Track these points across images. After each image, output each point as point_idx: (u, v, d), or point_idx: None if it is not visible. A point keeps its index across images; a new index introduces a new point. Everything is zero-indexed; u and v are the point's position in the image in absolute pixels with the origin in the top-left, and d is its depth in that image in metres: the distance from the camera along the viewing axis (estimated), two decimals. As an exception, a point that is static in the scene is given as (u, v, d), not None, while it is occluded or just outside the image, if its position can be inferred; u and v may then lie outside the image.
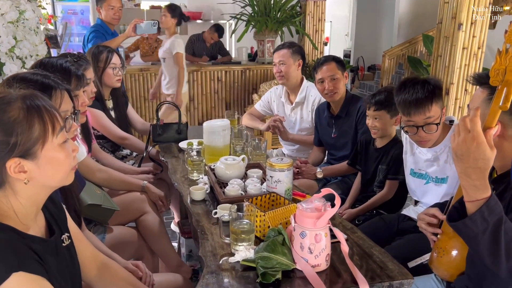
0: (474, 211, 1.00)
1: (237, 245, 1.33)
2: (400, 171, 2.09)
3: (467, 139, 0.98)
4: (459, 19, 3.17)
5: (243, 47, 5.86)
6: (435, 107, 1.75)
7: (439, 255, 1.34)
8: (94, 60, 2.50)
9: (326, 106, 2.62)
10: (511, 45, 0.99)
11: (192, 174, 2.01)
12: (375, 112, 2.10)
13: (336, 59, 2.52)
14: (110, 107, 2.65)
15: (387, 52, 6.93)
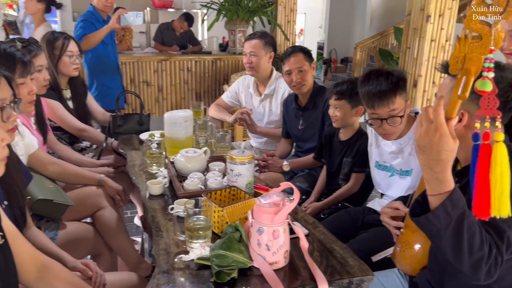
0: (437, 205, 0.97)
1: (192, 243, 1.27)
2: (366, 164, 2.07)
3: (430, 130, 0.94)
4: (427, 11, 3.17)
5: (214, 36, 5.74)
6: (399, 99, 1.72)
7: (402, 249, 1.32)
8: (49, 47, 2.36)
9: (294, 97, 2.57)
10: (471, 31, 0.94)
11: (151, 167, 1.92)
12: (336, 101, 2.08)
13: (303, 50, 2.47)
14: (68, 97, 2.52)
15: (358, 45, 6.95)
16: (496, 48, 0.92)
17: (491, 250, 0.97)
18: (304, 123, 2.53)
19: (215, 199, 1.49)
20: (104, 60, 3.29)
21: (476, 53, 0.93)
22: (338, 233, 1.78)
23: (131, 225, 3.00)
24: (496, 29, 0.91)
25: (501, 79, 1.09)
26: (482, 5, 0.92)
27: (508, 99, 1.10)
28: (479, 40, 0.93)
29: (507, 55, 1.67)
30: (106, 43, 3.25)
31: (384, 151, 1.94)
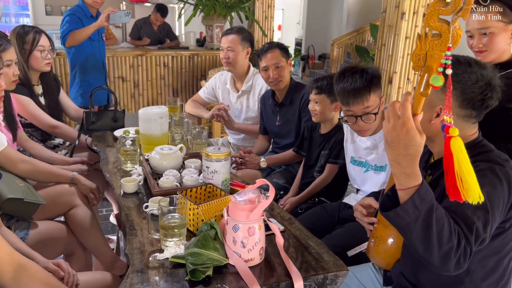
0: (406, 199, 0.98)
1: (166, 241, 1.26)
2: (340, 156, 2.10)
3: (397, 125, 0.95)
4: (402, 8, 3.21)
5: (191, 31, 5.69)
6: (373, 96, 1.74)
7: (376, 244, 1.34)
8: (19, 41, 2.29)
9: (271, 94, 2.57)
10: (431, 29, 0.96)
11: (125, 164, 1.89)
12: (316, 95, 2.09)
13: (280, 46, 2.47)
14: (40, 92, 2.45)
15: (335, 41, 7.00)
16: (455, 45, 0.94)
17: (460, 241, 0.99)
18: (281, 119, 2.53)
19: (190, 197, 1.47)
20: (89, 56, 3.22)
21: (437, 51, 0.95)
22: (314, 229, 1.80)
23: (107, 223, 2.96)
24: (454, 27, 0.93)
25: (481, 77, 1.12)
26: (440, 3, 0.93)
27: (485, 97, 1.12)
28: (439, 38, 0.95)
29: (476, 53, 1.71)
30: (93, 40, 3.19)
31: (359, 147, 1.96)
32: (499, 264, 1.17)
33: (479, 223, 1.02)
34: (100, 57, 3.30)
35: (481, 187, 0.96)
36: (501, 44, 1.66)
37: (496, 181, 1.07)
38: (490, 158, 1.13)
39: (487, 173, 1.08)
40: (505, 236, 1.13)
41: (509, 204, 1.09)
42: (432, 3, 0.95)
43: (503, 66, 1.68)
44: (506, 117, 1.66)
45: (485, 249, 1.12)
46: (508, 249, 1.17)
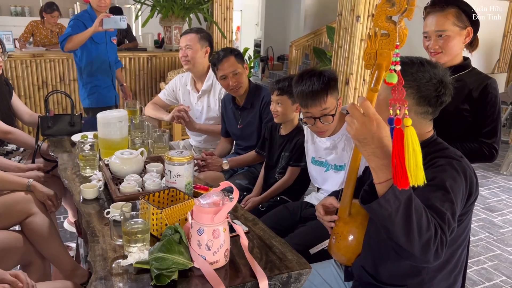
0: (385, 191, 1.01)
1: (130, 247, 1.24)
2: (301, 159, 2.14)
3: (366, 122, 0.99)
4: (357, 11, 3.31)
5: (149, 33, 5.60)
6: (331, 98, 1.79)
7: (337, 241, 1.38)
8: None
9: (231, 97, 2.59)
10: (379, 29, 1.02)
11: (84, 170, 1.85)
12: (277, 96, 2.12)
13: (234, 52, 2.48)
14: (-11, 97, 2.35)
15: (294, 43, 7.10)
16: (402, 44, 1.00)
17: (437, 231, 1.04)
18: (242, 122, 2.55)
19: (153, 201, 1.46)
20: (93, 58, 3.24)
21: (386, 49, 1.01)
22: (277, 228, 1.85)
23: (65, 231, 2.87)
24: (400, 27, 0.99)
25: (434, 75, 1.19)
26: (387, 4, 0.99)
27: (439, 93, 1.19)
28: (387, 37, 1.01)
29: (431, 54, 1.80)
30: (98, 43, 3.22)
31: (319, 147, 2.01)
32: (453, 255, 1.24)
33: (449, 213, 1.08)
34: (106, 59, 3.33)
35: (443, 180, 1.01)
36: (455, 48, 1.75)
37: (455, 174, 1.14)
38: (447, 154, 1.20)
39: (447, 167, 1.14)
40: (460, 228, 1.20)
41: (466, 196, 1.17)
42: (379, 4, 1.01)
43: (455, 69, 1.78)
44: (460, 117, 1.76)
45: None
46: (461, 240, 1.24)
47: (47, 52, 4.56)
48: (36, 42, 5.26)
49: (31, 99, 4.44)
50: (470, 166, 1.20)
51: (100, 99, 3.33)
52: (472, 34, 1.76)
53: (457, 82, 1.79)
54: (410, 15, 0.97)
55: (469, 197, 1.18)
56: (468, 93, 1.75)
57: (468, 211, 1.21)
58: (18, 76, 4.33)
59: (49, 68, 4.47)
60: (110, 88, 3.40)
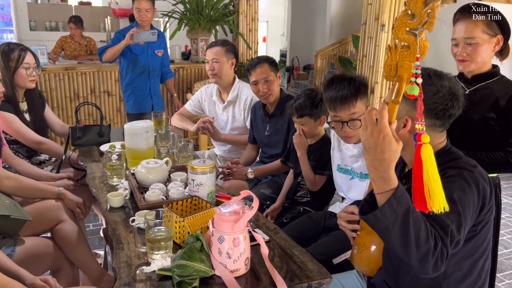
0: (383, 202, 1.02)
1: (153, 254, 1.27)
2: (326, 167, 2.13)
3: (374, 132, 1.00)
4: (381, 20, 3.29)
5: (176, 45, 5.72)
6: (360, 103, 1.79)
7: (359, 251, 1.37)
8: (5, 59, 2.30)
9: (262, 104, 2.61)
10: (400, 41, 1.02)
11: (111, 179, 1.90)
12: (299, 119, 2.14)
13: (268, 60, 2.52)
14: (25, 109, 2.45)
15: (319, 52, 7.09)
16: (422, 56, 1.00)
17: (437, 243, 1.03)
18: (270, 129, 2.57)
19: (176, 210, 1.50)
20: (132, 68, 3.57)
21: (406, 61, 1.00)
22: (300, 238, 1.85)
23: (94, 238, 2.95)
24: (420, 39, 0.99)
25: (441, 88, 1.18)
26: (407, 17, 0.99)
27: (447, 106, 1.18)
28: (408, 49, 1.01)
29: (458, 61, 1.77)
30: (137, 54, 3.53)
31: (345, 154, 2.00)
32: (474, 266, 1.22)
33: (453, 225, 1.07)
34: (145, 70, 3.60)
35: (451, 192, 1.00)
36: (483, 56, 1.72)
37: (465, 186, 1.12)
38: (459, 164, 1.18)
39: (456, 178, 1.13)
40: (478, 238, 1.18)
41: (479, 207, 1.14)
42: (399, 17, 1.01)
43: (483, 77, 1.75)
44: (487, 126, 1.72)
45: (460, 252, 1.16)
46: (481, 251, 1.22)
47: (79, 65, 4.72)
48: (67, 55, 5.48)
49: (63, 110, 4.60)
50: (485, 176, 1.18)
51: (135, 105, 3.63)
52: (503, 42, 1.72)
53: (484, 90, 1.77)
54: (430, 27, 0.97)
55: (482, 208, 1.15)
56: (495, 101, 1.71)
57: (484, 221, 1.18)
58: (51, 89, 4.50)
59: (80, 80, 4.63)
60: (146, 96, 3.66)
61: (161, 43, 3.64)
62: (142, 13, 3.42)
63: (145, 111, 3.63)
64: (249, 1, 5.30)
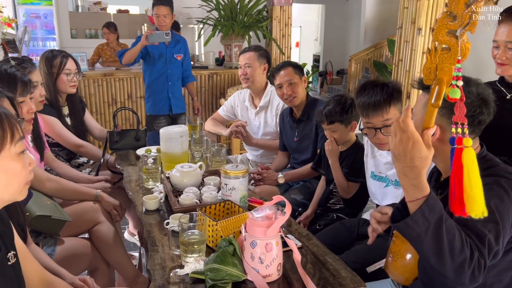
0: (415, 210, 1.00)
1: (187, 257, 1.29)
2: (360, 174, 2.10)
3: (403, 139, 0.99)
4: (418, 24, 3.22)
5: (211, 51, 5.81)
6: (394, 109, 1.75)
7: (394, 259, 1.34)
8: (48, 65, 2.41)
9: (289, 111, 2.62)
10: (439, 43, 0.99)
11: (147, 182, 1.95)
12: (329, 125, 2.11)
13: (293, 64, 2.54)
14: (66, 113, 2.55)
15: (353, 57, 7.02)
16: (464, 58, 0.97)
17: (473, 253, 1.00)
18: (299, 135, 2.57)
19: (209, 213, 1.51)
20: (151, 71, 3.72)
21: (447, 64, 0.98)
22: (333, 245, 1.82)
23: (129, 240, 3.01)
24: (462, 41, 0.96)
25: (468, 94, 1.14)
26: (448, 18, 0.97)
27: (475, 113, 1.14)
28: (448, 51, 0.98)
29: (497, 64, 1.71)
30: (156, 58, 3.66)
31: (379, 161, 1.97)
32: None
33: (491, 235, 1.03)
34: (164, 73, 3.71)
35: (488, 200, 0.97)
36: None
37: (503, 194, 1.08)
38: (496, 172, 1.14)
39: (493, 186, 1.09)
40: None
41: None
42: (440, 18, 0.98)
43: None
44: None
45: (500, 264, 1.11)
46: None
47: (117, 72, 4.87)
48: (104, 62, 5.67)
49: (101, 115, 4.75)
50: None
51: (153, 107, 3.74)
52: None
53: None
54: (473, 28, 0.94)
55: None
56: None
57: None
58: (90, 94, 4.66)
59: (118, 86, 4.77)
60: (165, 99, 3.74)
61: (181, 48, 3.76)
62: (161, 18, 3.56)
63: (162, 113, 3.75)
64: (282, 7, 5.31)
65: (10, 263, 1.04)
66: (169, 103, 3.77)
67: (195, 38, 7.21)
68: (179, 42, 3.77)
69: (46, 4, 8.11)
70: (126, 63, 3.62)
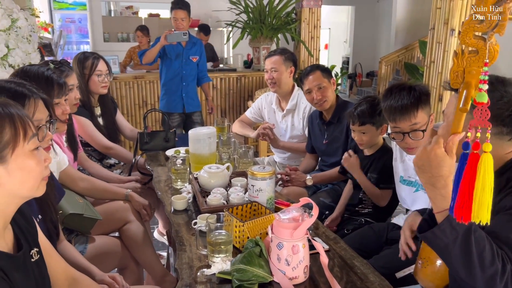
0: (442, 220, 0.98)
1: (213, 257, 1.30)
2: (391, 180, 2.06)
3: (426, 149, 0.99)
4: (451, 25, 3.14)
5: (239, 54, 5.85)
6: (421, 113, 1.72)
7: (423, 266, 1.31)
8: (80, 66, 2.48)
9: (318, 113, 2.60)
10: (467, 46, 0.96)
11: (176, 183, 1.97)
12: (361, 127, 2.06)
13: (320, 67, 2.51)
14: (98, 114, 2.62)
15: (383, 59, 6.91)
16: (492, 61, 0.94)
17: (505, 265, 0.96)
18: (328, 137, 2.54)
19: (236, 214, 1.52)
20: (167, 71, 3.88)
21: (474, 67, 0.95)
22: (362, 249, 1.79)
23: (157, 240, 3.06)
24: (490, 43, 0.93)
25: (505, 94, 1.10)
26: (475, 21, 0.94)
27: None
28: (476, 54, 0.95)
29: None
30: (172, 59, 3.83)
31: (408, 166, 1.92)
32: None
33: None
34: (179, 73, 3.87)
35: None
36: None
37: None
38: None
39: None
40: None
41: None
42: (466, 21, 0.96)
43: None
44: None
45: None
46: None
47: (147, 74, 4.97)
48: (135, 64, 5.77)
49: (132, 117, 4.86)
50: None
51: (167, 105, 3.89)
52: None
53: None
54: (501, 30, 0.91)
55: None
56: None
57: None
58: (122, 96, 4.77)
59: (148, 88, 4.87)
60: (178, 98, 3.90)
61: (197, 50, 3.92)
62: (178, 22, 3.71)
63: (175, 111, 3.90)
64: (311, 9, 5.29)
65: (34, 260, 1.07)
66: (182, 102, 3.92)
67: (224, 41, 7.28)
68: (195, 45, 3.92)
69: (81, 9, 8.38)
70: (146, 62, 3.79)
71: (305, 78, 2.48)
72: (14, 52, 2.36)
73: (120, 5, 9.05)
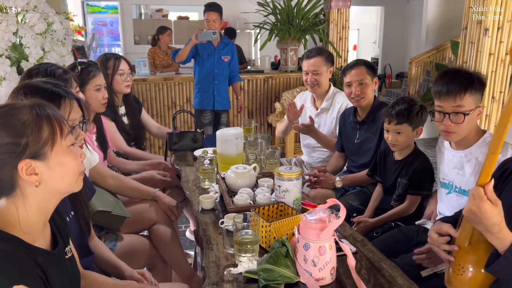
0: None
1: (240, 256, 1.31)
2: (423, 186, 2.01)
3: (473, 205, 1.08)
4: (485, 24, 3.05)
5: (266, 55, 5.85)
6: (469, 98, 1.62)
7: (458, 273, 1.24)
8: (103, 68, 2.54)
9: (353, 111, 2.56)
10: None
11: (203, 182, 2.00)
12: (397, 126, 2.00)
13: (366, 63, 2.44)
14: (123, 113, 2.68)
15: (414, 59, 6.76)
16: None
17: None
18: (360, 137, 2.49)
19: (263, 214, 1.52)
20: (200, 70, 4.08)
21: None
22: (390, 252, 1.75)
23: (185, 239, 3.10)
24: None
25: None
26: None
27: None
28: None
29: None
30: (204, 58, 4.02)
31: (445, 166, 1.87)
32: None
33: None
34: (211, 72, 4.06)
35: None
36: None
37: None
38: None
39: None
40: None
41: None
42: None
43: None
44: None
45: None
46: None
47: (176, 76, 5.05)
48: (157, 66, 5.80)
49: (161, 117, 4.94)
50: None
51: (199, 102, 4.11)
52: None
53: None
54: None
55: None
56: None
57: None
58: (151, 98, 4.86)
59: (177, 90, 4.94)
60: (210, 95, 4.08)
61: (228, 51, 4.09)
62: (210, 23, 3.89)
63: (207, 108, 4.10)
64: (340, 10, 5.25)
65: (67, 257, 1.11)
66: (214, 100, 4.09)
67: (251, 43, 7.30)
68: (227, 45, 4.09)
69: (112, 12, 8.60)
70: (179, 61, 3.98)
71: (348, 71, 2.43)
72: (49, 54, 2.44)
73: (150, 8, 9.23)
